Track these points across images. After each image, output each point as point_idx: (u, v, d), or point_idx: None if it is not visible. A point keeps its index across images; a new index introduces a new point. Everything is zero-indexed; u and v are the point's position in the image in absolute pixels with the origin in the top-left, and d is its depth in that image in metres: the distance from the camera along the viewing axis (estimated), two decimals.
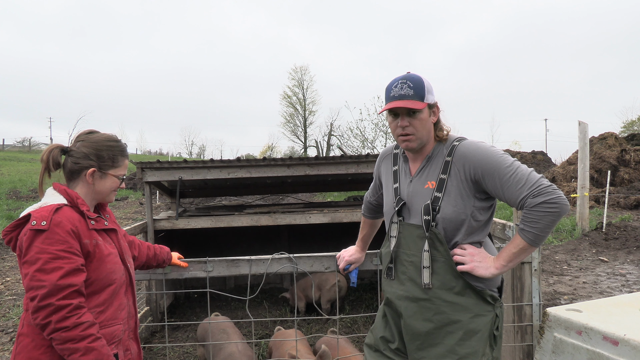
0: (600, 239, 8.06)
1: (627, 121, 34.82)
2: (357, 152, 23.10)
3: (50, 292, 1.49)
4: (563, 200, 1.54)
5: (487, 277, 1.66)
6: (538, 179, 1.57)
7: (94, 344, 1.53)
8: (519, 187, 1.57)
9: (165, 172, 4.61)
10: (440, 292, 1.70)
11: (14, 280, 6.68)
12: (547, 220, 1.55)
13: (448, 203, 1.67)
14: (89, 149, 1.72)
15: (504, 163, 1.61)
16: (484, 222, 1.72)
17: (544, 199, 1.53)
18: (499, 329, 1.73)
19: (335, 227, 5.91)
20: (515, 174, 1.58)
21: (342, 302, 5.66)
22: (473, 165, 1.64)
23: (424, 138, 1.73)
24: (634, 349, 1.77)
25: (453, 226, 1.68)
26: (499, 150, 1.66)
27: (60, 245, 1.55)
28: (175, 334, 4.84)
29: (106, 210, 1.88)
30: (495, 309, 1.72)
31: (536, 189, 1.55)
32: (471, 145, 1.68)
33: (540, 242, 1.61)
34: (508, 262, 1.65)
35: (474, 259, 1.67)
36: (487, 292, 1.70)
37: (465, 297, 1.68)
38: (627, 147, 14.36)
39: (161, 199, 14.61)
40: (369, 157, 4.66)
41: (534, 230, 1.57)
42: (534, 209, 1.55)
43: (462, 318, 1.67)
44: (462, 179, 1.66)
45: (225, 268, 2.36)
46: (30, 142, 43.54)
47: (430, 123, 1.73)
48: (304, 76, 48.61)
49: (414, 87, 1.66)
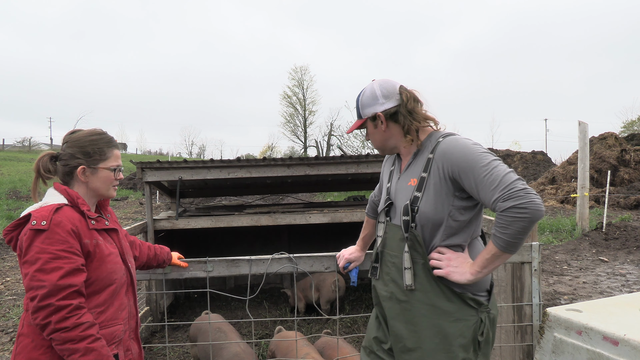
0: (600, 239, 8.06)
1: (627, 121, 34.84)
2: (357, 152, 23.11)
3: (50, 293, 1.49)
4: (534, 206, 1.43)
5: (463, 282, 1.59)
6: (512, 181, 1.46)
7: (94, 344, 1.53)
8: (492, 189, 1.48)
9: (165, 172, 4.61)
10: (420, 295, 1.65)
11: (14, 280, 6.68)
12: (517, 227, 1.45)
13: (426, 202, 1.62)
14: (73, 149, 1.72)
15: (480, 162, 1.52)
16: (464, 222, 1.63)
17: (513, 203, 1.43)
18: (485, 334, 1.63)
19: (335, 227, 5.92)
20: (490, 174, 1.49)
21: (342, 302, 5.66)
22: (451, 162, 1.58)
23: (381, 146, 1.79)
24: (634, 349, 1.77)
25: (431, 227, 1.63)
26: (479, 148, 1.57)
27: (61, 245, 1.54)
28: (175, 334, 4.84)
29: (107, 210, 1.88)
30: (479, 314, 1.63)
31: (507, 192, 1.45)
32: (452, 142, 1.62)
33: (513, 248, 1.51)
34: (482, 268, 1.57)
35: (451, 263, 1.61)
36: (468, 296, 1.62)
37: (445, 300, 1.62)
38: (627, 147, 14.37)
39: (161, 199, 14.61)
40: (369, 157, 4.66)
41: (504, 236, 1.48)
42: (503, 214, 1.46)
43: (442, 322, 1.61)
44: (441, 176, 1.60)
45: (225, 268, 2.36)
46: (30, 142, 43.53)
47: (380, 133, 1.75)
48: (304, 76, 48.65)
49: (356, 107, 1.78)
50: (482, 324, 1.63)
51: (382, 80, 1.77)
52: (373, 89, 1.74)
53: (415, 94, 1.75)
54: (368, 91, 1.74)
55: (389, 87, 1.73)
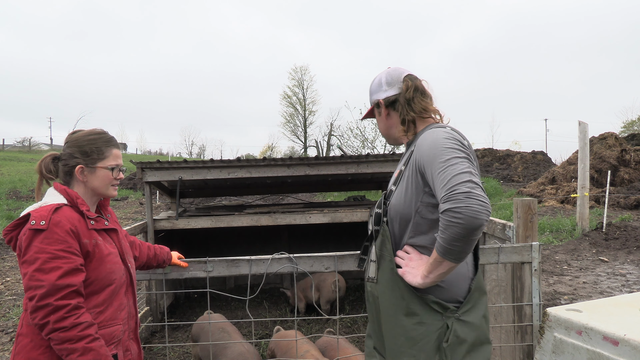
0: (600, 239, 8.06)
1: (627, 121, 34.83)
2: (357, 152, 23.10)
3: (48, 292, 1.49)
4: (470, 212, 1.30)
5: (413, 285, 1.51)
6: (458, 182, 1.34)
7: (92, 344, 1.53)
8: (440, 188, 1.38)
9: (165, 172, 4.61)
10: (387, 293, 1.59)
11: (14, 280, 6.68)
12: (451, 232, 1.33)
13: (398, 195, 1.58)
14: (72, 148, 1.74)
15: (440, 157, 1.42)
16: (433, 222, 1.52)
17: (449, 206, 1.32)
18: (451, 341, 1.50)
19: (335, 227, 5.92)
20: (443, 171, 1.39)
21: (342, 302, 5.66)
22: (419, 155, 1.51)
23: (384, 134, 1.78)
24: (634, 349, 1.77)
25: (399, 221, 1.57)
26: (447, 142, 1.46)
27: (59, 245, 1.54)
28: (175, 334, 4.84)
29: (108, 210, 1.88)
30: (445, 319, 1.52)
31: (448, 193, 1.34)
32: (428, 134, 1.54)
33: (451, 256, 1.38)
34: (429, 273, 1.46)
35: (410, 263, 1.54)
36: (431, 299, 1.52)
37: (407, 300, 1.54)
38: (627, 147, 14.36)
39: (161, 199, 14.61)
40: (369, 157, 4.66)
41: (440, 240, 1.38)
42: (441, 216, 1.36)
43: (406, 323, 1.54)
44: (413, 169, 1.54)
45: (225, 268, 2.36)
46: (30, 142, 43.51)
47: (383, 120, 1.75)
48: (304, 76, 48.62)
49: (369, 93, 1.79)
50: (448, 330, 1.51)
51: (392, 68, 1.75)
52: (381, 76, 1.74)
53: (422, 84, 1.70)
54: (377, 78, 1.75)
55: (395, 75, 1.70)
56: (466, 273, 1.61)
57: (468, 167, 1.39)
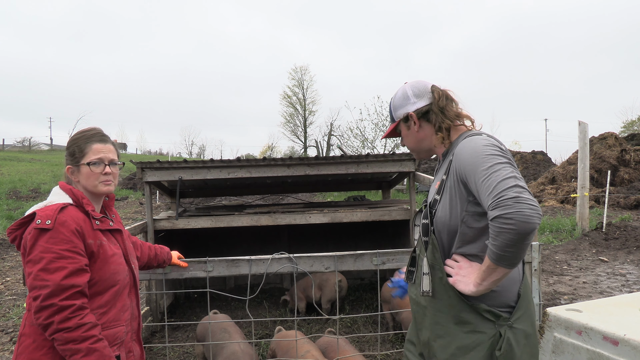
0: (600, 239, 8.06)
1: (627, 121, 34.84)
2: (357, 152, 23.10)
3: (53, 292, 1.49)
4: (521, 217, 1.30)
5: (466, 293, 1.51)
6: (505, 188, 1.34)
7: (96, 345, 1.52)
8: (487, 195, 1.38)
9: (165, 172, 4.61)
10: (438, 302, 1.60)
11: (14, 280, 6.68)
12: (504, 238, 1.33)
13: (443, 205, 1.57)
14: (65, 151, 1.76)
15: (482, 165, 1.42)
16: (480, 230, 1.53)
17: (499, 212, 1.32)
18: (504, 349, 1.49)
19: (335, 227, 5.92)
20: (488, 179, 1.39)
21: (342, 302, 5.66)
22: (460, 164, 1.51)
23: (415, 148, 1.74)
24: (634, 349, 1.77)
25: (447, 232, 1.57)
26: (488, 149, 1.46)
27: (65, 245, 1.54)
28: (175, 334, 4.84)
29: (112, 210, 1.87)
30: (498, 327, 1.52)
31: (495, 200, 1.34)
32: (466, 142, 1.54)
33: (504, 262, 1.39)
34: (482, 280, 1.46)
35: (460, 272, 1.53)
36: (483, 308, 1.52)
37: (460, 310, 1.54)
38: (627, 147, 14.36)
39: (161, 199, 14.61)
40: (369, 157, 4.66)
41: (493, 247, 1.38)
42: (492, 223, 1.36)
43: (457, 332, 1.54)
44: (455, 179, 1.54)
45: (225, 268, 2.36)
46: (30, 142, 43.51)
47: (413, 134, 1.70)
48: (304, 76, 48.62)
49: (390, 111, 1.76)
50: (502, 338, 1.50)
51: (413, 82, 1.74)
52: (404, 90, 1.71)
53: (448, 92, 1.71)
54: (400, 93, 1.72)
55: (421, 87, 1.70)
56: (517, 277, 1.60)
57: (512, 171, 1.39)
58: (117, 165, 1.78)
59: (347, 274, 6.10)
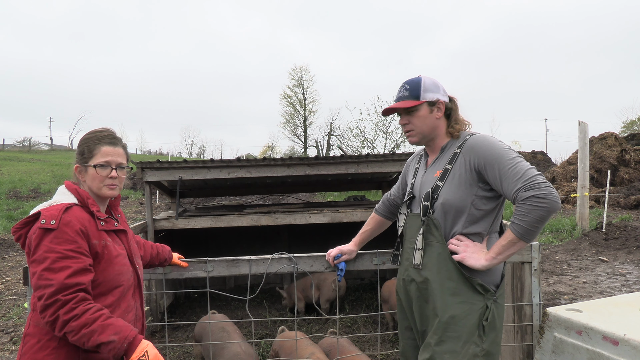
0: (600, 238, 8.06)
1: (627, 121, 34.75)
2: (357, 152, 23.10)
3: (57, 291, 1.49)
4: (553, 197, 1.57)
5: (477, 268, 1.70)
6: (534, 174, 1.61)
7: (108, 320, 1.51)
8: (515, 180, 1.62)
9: (165, 172, 4.61)
10: (431, 275, 1.78)
11: (14, 280, 6.68)
12: (536, 215, 1.58)
13: (449, 190, 1.75)
14: (76, 150, 1.76)
15: (506, 156, 1.67)
16: (486, 212, 1.76)
17: (534, 193, 1.57)
18: (490, 319, 1.74)
19: (335, 227, 5.91)
20: (514, 166, 1.64)
21: (342, 302, 5.66)
22: (477, 155, 1.72)
23: (426, 132, 1.86)
24: (634, 349, 1.77)
25: (454, 213, 1.75)
26: (505, 145, 1.73)
27: (69, 245, 1.54)
28: (175, 334, 4.84)
29: (118, 210, 1.86)
30: (485, 300, 1.74)
31: (529, 183, 1.59)
32: (479, 137, 1.78)
33: (529, 236, 1.63)
34: (497, 254, 1.69)
35: (467, 249, 1.73)
36: (476, 281, 1.73)
37: (454, 281, 1.74)
38: (627, 147, 14.36)
39: (161, 199, 14.61)
40: (369, 157, 4.66)
41: (522, 223, 1.60)
42: (524, 202, 1.59)
43: (450, 302, 1.73)
44: (467, 168, 1.74)
45: (225, 268, 2.36)
46: (30, 142, 43.50)
47: (432, 119, 1.84)
48: (304, 76, 48.53)
49: (410, 88, 1.84)
50: (488, 310, 1.73)
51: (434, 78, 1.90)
52: (435, 81, 1.86)
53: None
54: (430, 80, 1.85)
55: (440, 85, 1.88)
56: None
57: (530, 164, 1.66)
58: (125, 170, 1.77)
59: (347, 274, 6.10)
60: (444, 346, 1.70)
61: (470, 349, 1.69)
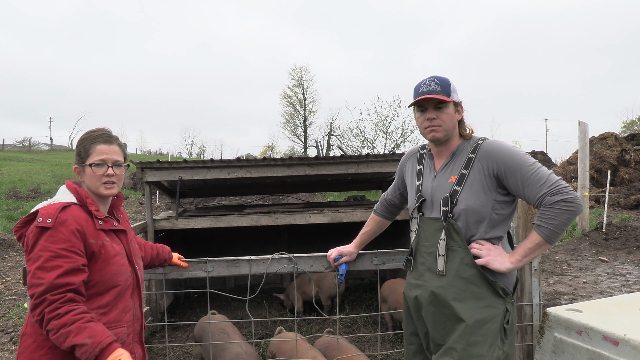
0: (601, 239, 8.06)
1: (627, 121, 34.75)
2: (357, 152, 23.09)
3: (46, 290, 1.50)
4: (579, 201, 1.65)
5: (502, 271, 1.73)
6: (557, 179, 1.68)
7: (87, 324, 1.51)
8: (539, 185, 1.67)
9: (165, 172, 4.60)
10: (454, 280, 1.78)
11: (14, 280, 6.68)
12: (563, 218, 1.64)
13: (470, 196, 1.76)
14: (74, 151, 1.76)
15: (526, 162, 1.72)
16: (505, 215, 1.80)
17: (562, 197, 1.64)
18: (510, 323, 1.77)
19: (335, 227, 5.91)
20: (537, 172, 1.69)
21: (342, 302, 5.66)
22: (496, 161, 1.74)
23: (450, 131, 1.86)
24: (634, 349, 1.77)
25: (475, 219, 1.77)
26: (521, 150, 1.77)
27: (63, 244, 1.54)
28: (175, 334, 4.84)
29: (120, 210, 1.86)
30: (505, 303, 1.77)
31: (555, 188, 1.65)
32: (495, 143, 1.80)
33: (555, 238, 1.69)
34: (523, 257, 1.73)
35: (490, 253, 1.75)
36: (499, 285, 1.75)
37: (477, 286, 1.75)
38: (627, 147, 14.36)
39: (161, 199, 14.60)
40: (369, 157, 4.66)
41: (550, 226, 1.66)
42: (551, 207, 1.65)
43: (475, 306, 1.74)
44: (485, 174, 1.76)
45: (225, 268, 2.36)
46: (30, 142, 43.48)
47: (455, 119, 1.87)
48: (304, 76, 48.51)
49: (441, 84, 1.83)
50: (508, 313, 1.77)
51: None
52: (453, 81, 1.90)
53: None
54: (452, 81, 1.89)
55: None
56: None
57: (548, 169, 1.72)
58: (122, 167, 1.76)
59: (347, 274, 6.08)
60: (472, 350, 1.71)
61: (495, 352, 1.72)
